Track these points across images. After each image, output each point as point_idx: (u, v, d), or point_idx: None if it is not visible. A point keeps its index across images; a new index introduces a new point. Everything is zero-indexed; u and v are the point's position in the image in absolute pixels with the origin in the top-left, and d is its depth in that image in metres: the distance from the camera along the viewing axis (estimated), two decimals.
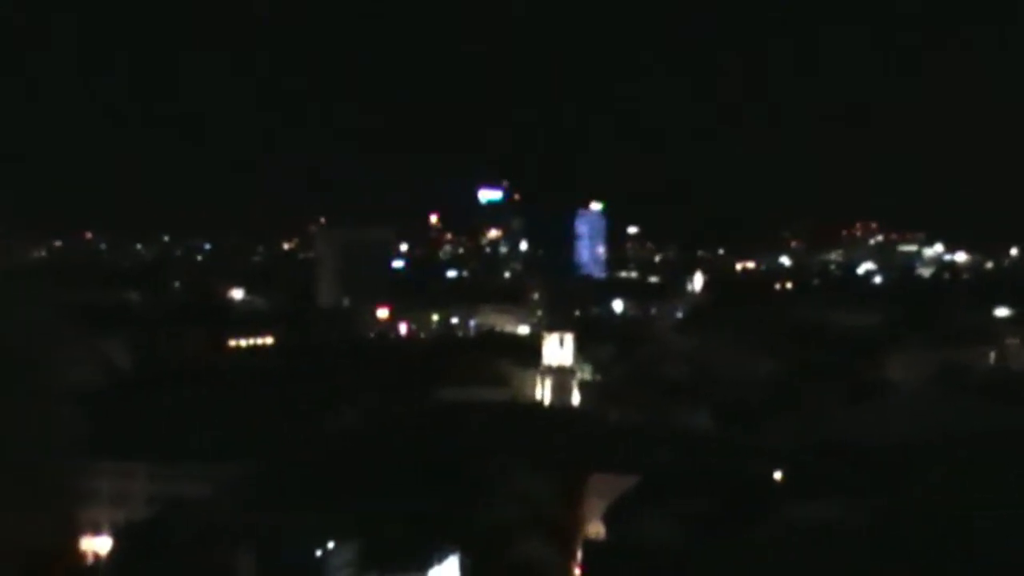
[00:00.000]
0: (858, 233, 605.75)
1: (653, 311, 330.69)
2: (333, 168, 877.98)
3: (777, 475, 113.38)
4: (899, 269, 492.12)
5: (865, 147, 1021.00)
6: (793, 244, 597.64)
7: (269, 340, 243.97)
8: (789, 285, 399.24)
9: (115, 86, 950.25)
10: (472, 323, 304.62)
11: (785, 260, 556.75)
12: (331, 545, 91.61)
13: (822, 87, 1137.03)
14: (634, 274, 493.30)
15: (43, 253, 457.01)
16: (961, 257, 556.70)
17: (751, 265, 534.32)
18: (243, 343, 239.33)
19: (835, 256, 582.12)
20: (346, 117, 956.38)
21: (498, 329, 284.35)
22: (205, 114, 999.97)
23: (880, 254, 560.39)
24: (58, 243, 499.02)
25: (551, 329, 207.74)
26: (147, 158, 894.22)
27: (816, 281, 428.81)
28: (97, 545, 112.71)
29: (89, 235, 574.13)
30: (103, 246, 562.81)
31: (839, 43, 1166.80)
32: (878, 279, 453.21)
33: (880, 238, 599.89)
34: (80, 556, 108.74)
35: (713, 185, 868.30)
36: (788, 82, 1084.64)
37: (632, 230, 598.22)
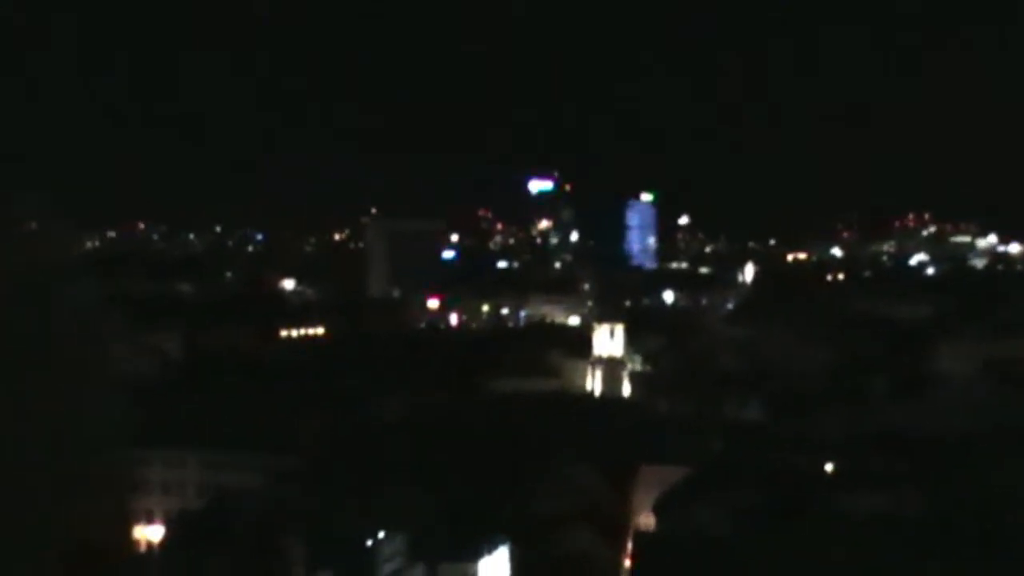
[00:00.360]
0: (910, 224, 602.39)
1: (704, 302, 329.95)
2: (384, 160, 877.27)
3: (828, 467, 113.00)
4: (952, 260, 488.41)
5: (918, 137, 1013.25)
6: (845, 235, 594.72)
7: (320, 330, 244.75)
8: (840, 276, 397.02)
9: (171, 76, 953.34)
10: (522, 314, 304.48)
11: (836, 251, 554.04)
12: (381, 535, 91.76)
13: (881, 77, 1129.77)
14: (685, 265, 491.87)
15: (96, 244, 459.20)
16: (1015, 248, 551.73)
17: (802, 256, 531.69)
18: (294, 333, 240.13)
19: (887, 247, 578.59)
20: (399, 110, 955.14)
21: (548, 320, 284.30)
22: (259, 106, 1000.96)
23: (932, 245, 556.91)
24: (111, 234, 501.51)
25: (601, 320, 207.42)
26: (200, 149, 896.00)
27: (867, 272, 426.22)
28: (150, 534, 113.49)
29: (142, 226, 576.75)
30: (155, 237, 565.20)
31: (901, 33, 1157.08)
32: (930, 270, 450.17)
33: (933, 229, 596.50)
34: (133, 545, 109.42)
35: (765, 175, 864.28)
36: (849, 71, 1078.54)
37: (683, 221, 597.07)
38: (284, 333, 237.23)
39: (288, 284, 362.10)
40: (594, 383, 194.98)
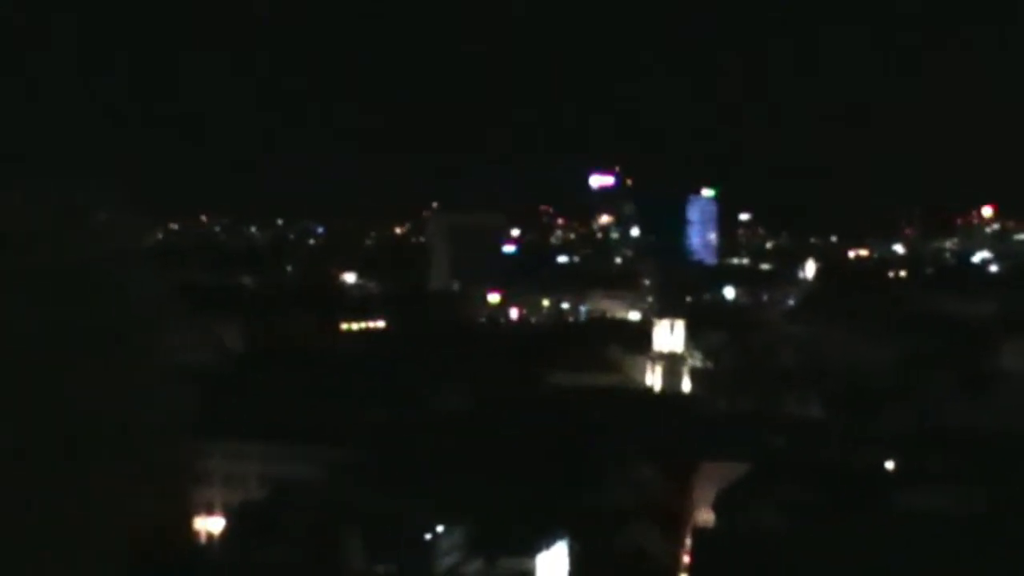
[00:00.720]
0: (974, 221, 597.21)
1: (765, 298, 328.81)
2: (446, 153, 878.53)
3: (889, 464, 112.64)
4: (1015, 257, 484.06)
5: (983, 132, 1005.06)
6: (907, 232, 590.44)
7: (380, 324, 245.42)
8: (902, 273, 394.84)
9: (235, 69, 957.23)
10: (583, 308, 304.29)
11: (898, 248, 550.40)
12: (440, 529, 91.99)
13: (949, 74, 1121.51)
14: (746, 261, 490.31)
15: (159, 236, 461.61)
16: None
17: (863, 253, 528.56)
18: (355, 326, 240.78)
19: (950, 244, 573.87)
20: (462, 106, 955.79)
21: (609, 315, 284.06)
22: (320, 99, 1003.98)
23: (996, 242, 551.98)
24: (173, 226, 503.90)
25: (661, 315, 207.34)
26: (262, 141, 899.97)
27: (930, 269, 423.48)
28: (210, 525, 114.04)
29: (204, 218, 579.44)
30: (217, 229, 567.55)
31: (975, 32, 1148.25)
32: (993, 267, 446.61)
33: (996, 226, 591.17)
34: (193, 536, 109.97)
35: (828, 172, 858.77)
36: (915, 70, 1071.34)
37: (744, 217, 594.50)
38: (344, 326, 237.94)
39: (349, 277, 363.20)
40: (654, 378, 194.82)
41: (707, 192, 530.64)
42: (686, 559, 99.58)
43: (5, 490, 14.16)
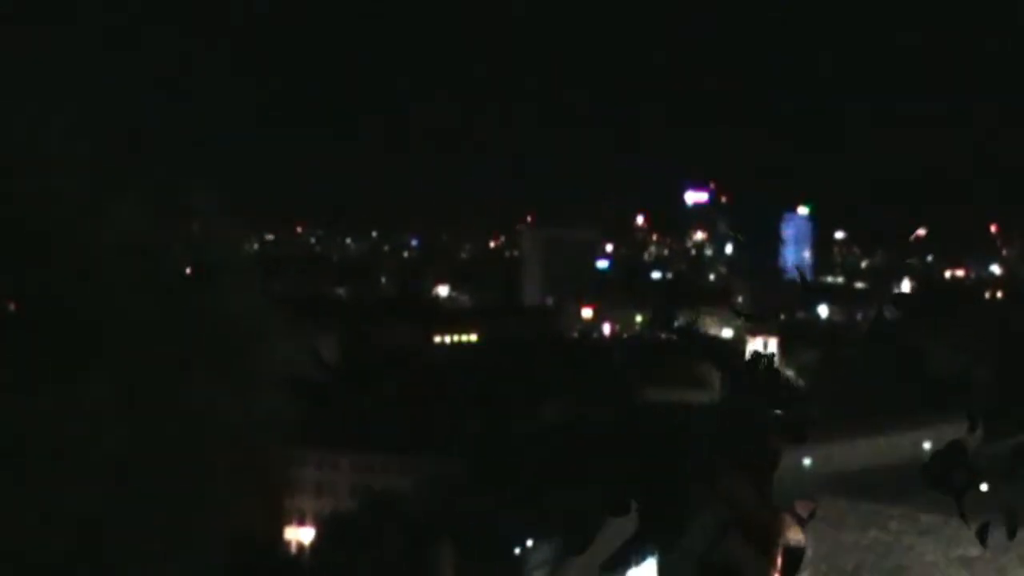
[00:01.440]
0: None
1: (859, 316, 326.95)
2: (543, 166, 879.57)
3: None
4: None
5: None
6: (1004, 252, 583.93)
7: (473, 337, 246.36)
8: (999, 294, 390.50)
9: (333, 84, 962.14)
10: (675, 324, 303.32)
11: (996, 268, 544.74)
12: (530, 543, 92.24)
13: None
14: (840, 279, 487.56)
15: (256, 246, 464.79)
16: None
17: (960, 273, 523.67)
18: (448, 339, 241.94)
19: None
20: (564, 119, 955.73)
21: (703, 331, 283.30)
22: (417, 116, 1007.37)
23: None
24: (269, 236, 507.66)
25: (755, 332, 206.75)
26: (360, 155, 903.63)
27: None
28: (301, 535, 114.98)
29: (300, 229, 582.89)
30: (313, 240, 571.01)
31: None
32: None
33: None
34: (285, 545, 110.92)
35: (926, 190, 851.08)
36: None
37: (839, 235, 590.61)
38: (438, 338, 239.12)
39: (443, 290, 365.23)
40: None
41: (802, 210, 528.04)
42: None
43: (118, 487, 14.71)
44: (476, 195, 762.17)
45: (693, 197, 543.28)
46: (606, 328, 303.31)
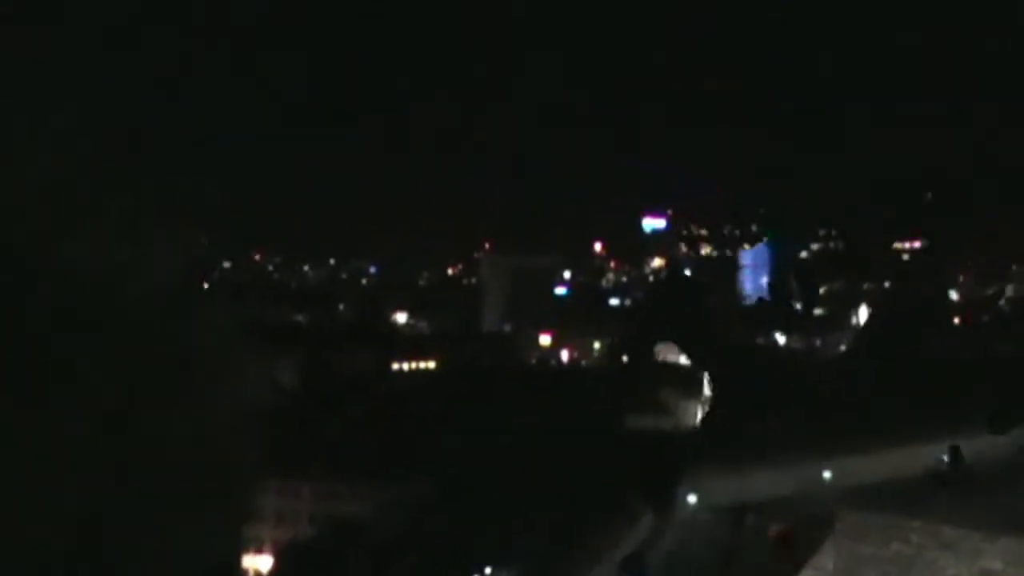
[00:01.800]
0: None
1: (818, 343, 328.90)
2: (502, 194, 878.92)
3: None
4: None
5: None
6: (961, 279, 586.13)
7: (431, 364, 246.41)
8: (956, 320, 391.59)
9: (292, 104, 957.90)
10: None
11: (953, 294, 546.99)
12: (488, 571, 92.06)
13: None
14: (798, 306, 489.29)
15: (214, 273, 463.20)
16: None
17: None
18: (406, 366, 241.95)
19: (1010, 291, 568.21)
20: (521, 144, 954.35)
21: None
22: (383, 140, 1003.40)
23: None
24: (226, 264, 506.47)
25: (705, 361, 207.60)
26: (318, 180, 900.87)
27: (986, 317, 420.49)
28: (259, 563, 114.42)
29: (258, 256, 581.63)
30: (271, 268, 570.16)
31: None
32: None
33: None
34: (242, 574, 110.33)
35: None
36: None
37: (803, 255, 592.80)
38: (396, 365, 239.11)
39: (401, 317, 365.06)
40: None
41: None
42: None
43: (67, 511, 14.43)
44: (435, 217, 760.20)
45: (651, 223, 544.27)
46: (564, 355, 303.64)
